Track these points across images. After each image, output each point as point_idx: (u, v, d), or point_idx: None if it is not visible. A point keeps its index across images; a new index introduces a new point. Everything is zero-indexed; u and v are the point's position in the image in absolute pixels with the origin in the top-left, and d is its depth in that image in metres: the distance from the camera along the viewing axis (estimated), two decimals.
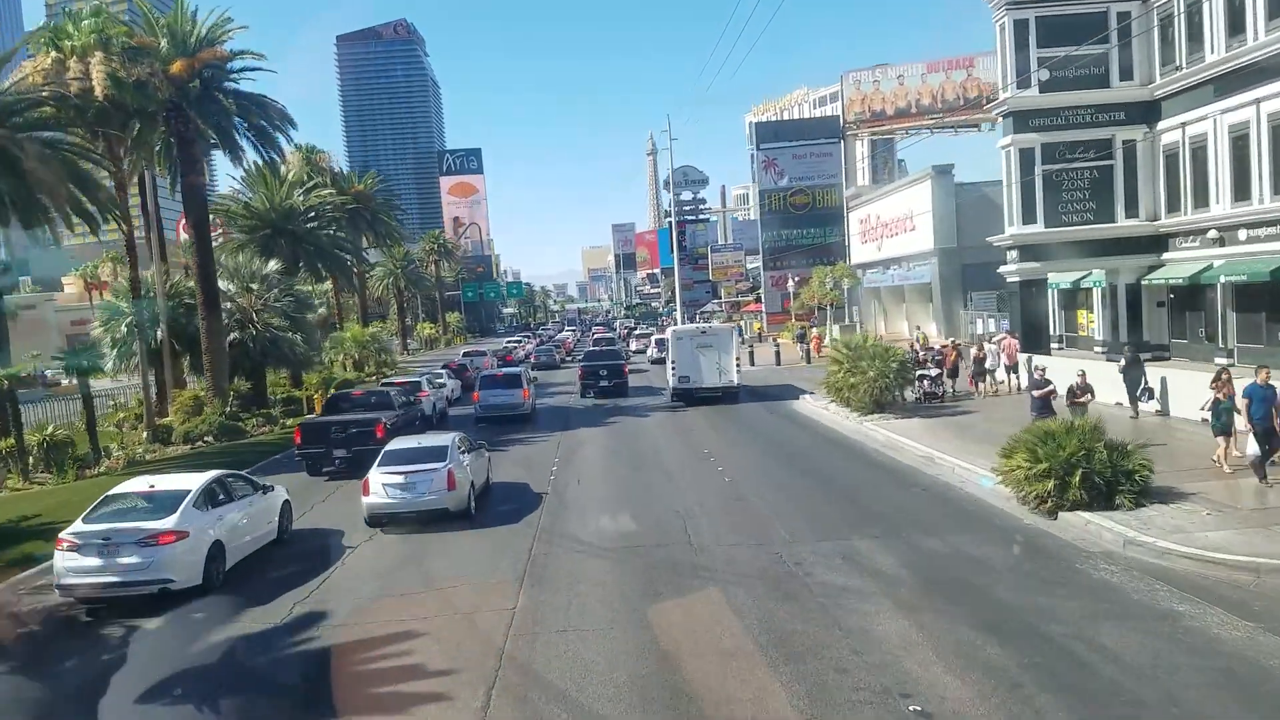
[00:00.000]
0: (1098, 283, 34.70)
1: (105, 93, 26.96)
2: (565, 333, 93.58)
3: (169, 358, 32.30)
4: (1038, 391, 18.82)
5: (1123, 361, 22.67)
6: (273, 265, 38.75)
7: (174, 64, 30.24)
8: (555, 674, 9.16)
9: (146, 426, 29.20)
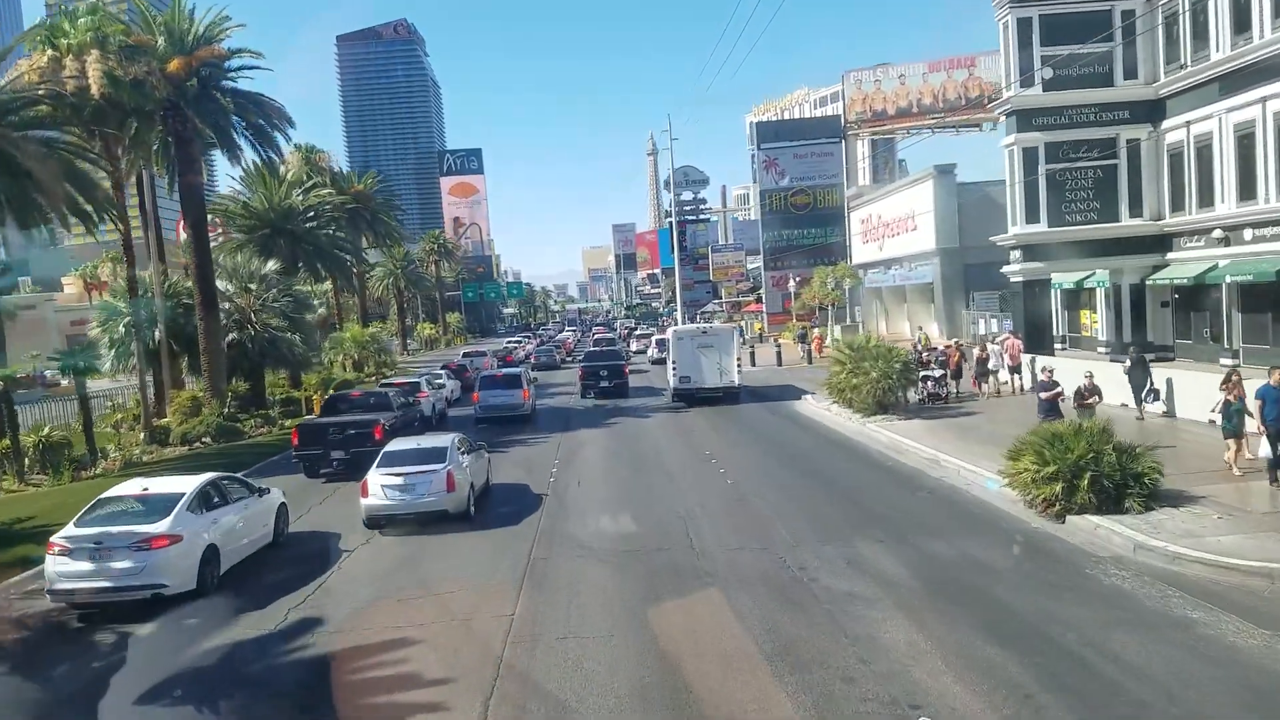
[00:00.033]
0: (1101, 283, 34.50)
1: (101, 91, 26.73)
2: (565, 333, 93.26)
3: (167, 358, 32.12)
4: (1045, 394, 18.56)
5: (1128, 362, 22.47)
6: (271, 265, 38.55)
7: (171, 62, 30.08)
8: (554, 683, 8.94)
9: (144, 427, 29.03)
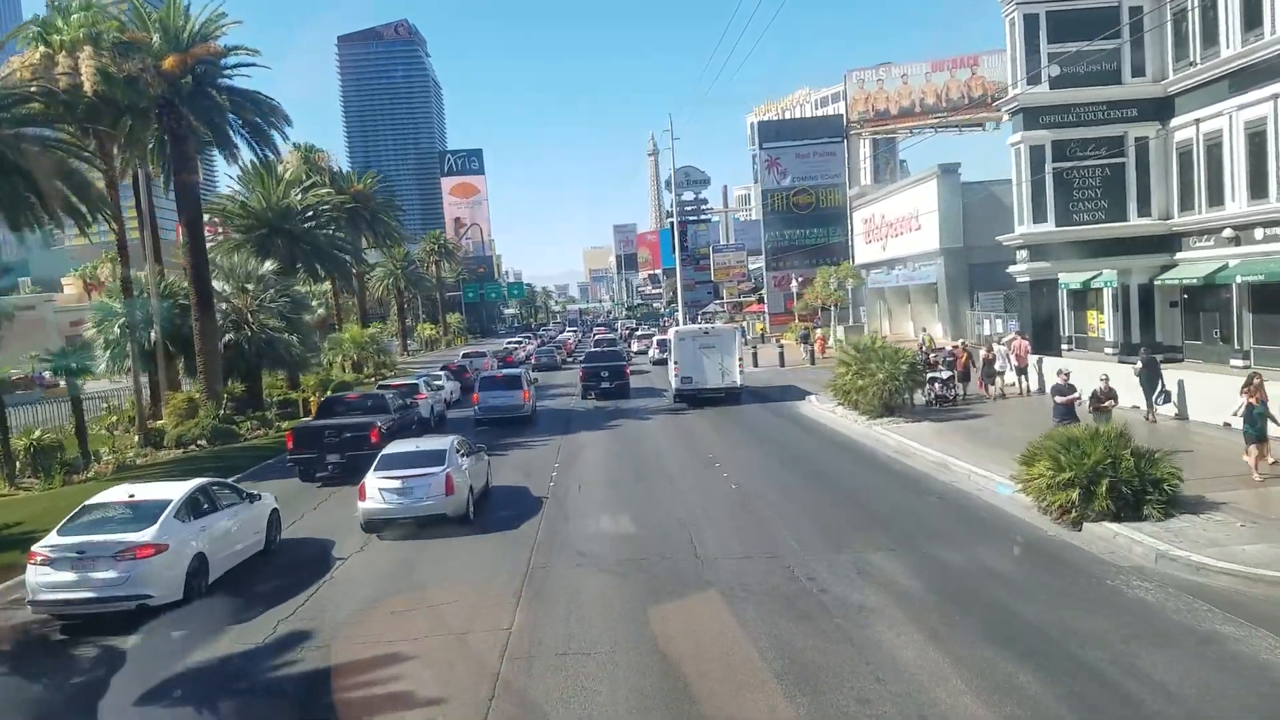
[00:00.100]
0: (1109, 283, 34.07)
1: (95, 88, 26.38)
2: (566, 333, 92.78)
3: (163, 359, 31.72)
4: (1061, 398, 18.09)
5: (1139, 364, 22.03)
6: (269, 265, 38.18)
7: (166, 59, 29.74)
8: (553, 703, 8.49)
9: (138, 430, 28.62)
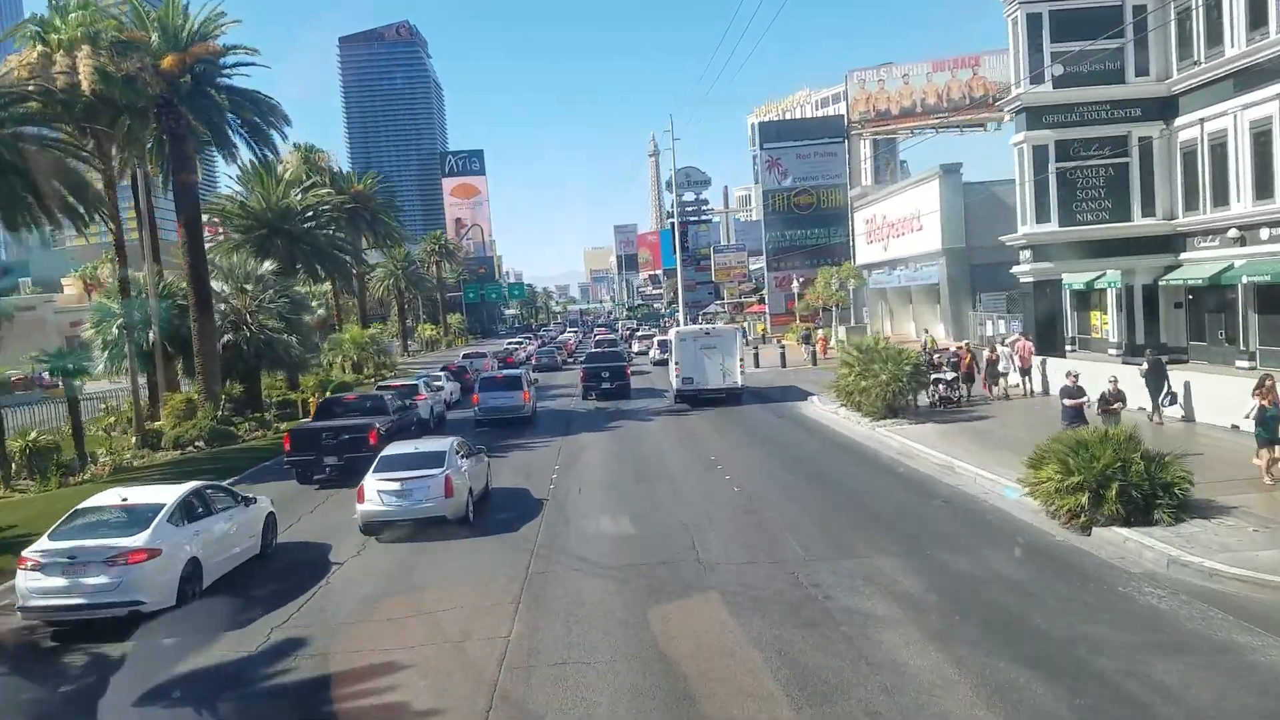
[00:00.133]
0: (1112, 283, 33.83)
1: (92, 87, 26.17)
2: (567, 334, 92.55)
3: (161, 360, 31.50)
4: (1070, 401, 17.82)
5: (1145, 365, 21.80)
6: (268, 265, 37.90)
7: (165, 59, 29.55)
8: (552, 714, 8.28)
9: (136, 431, 28.42)
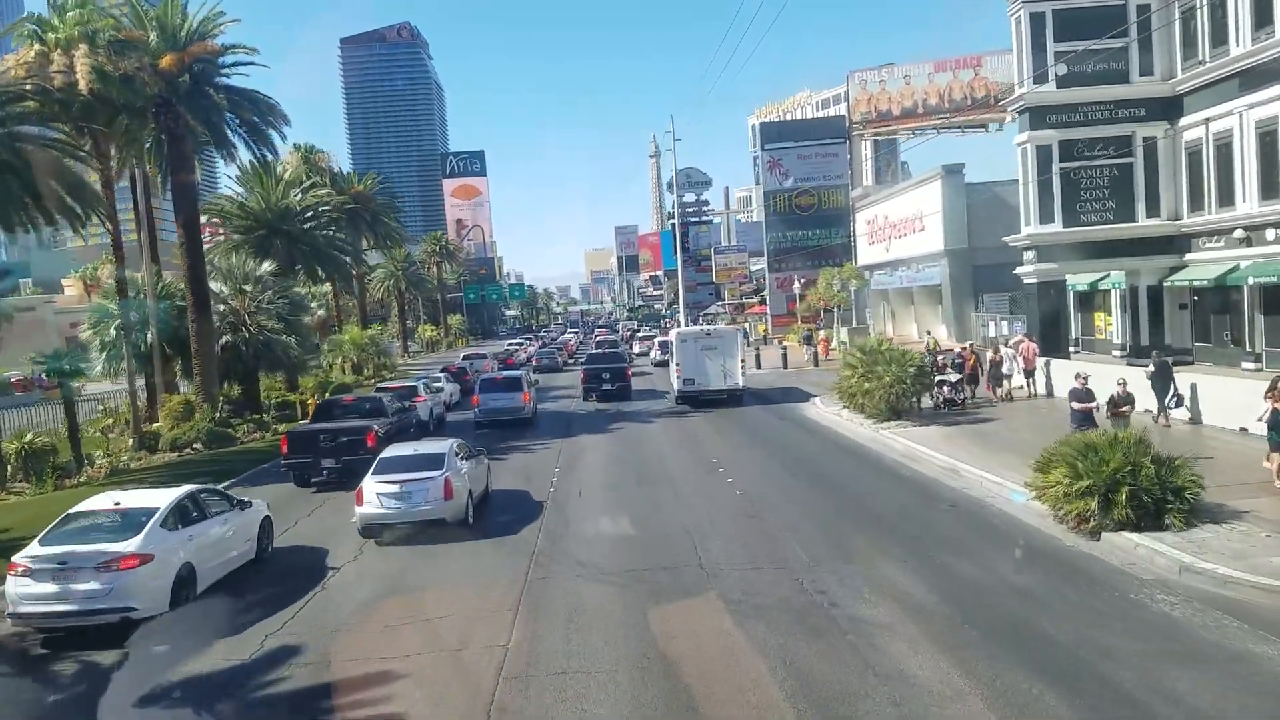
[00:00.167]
0: (1117, 284, 33.59)
1: (90, 86, 25.96)
2: (568, 335, 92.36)
3: (159, 361, 31.28)
4: (1079, 404, 17.52)
5: (1151, 367, 21.57)
6: (267, 266, 37.65)
7: (163, 58, 29.38)
8: None
9: (133, 433, 28.22)
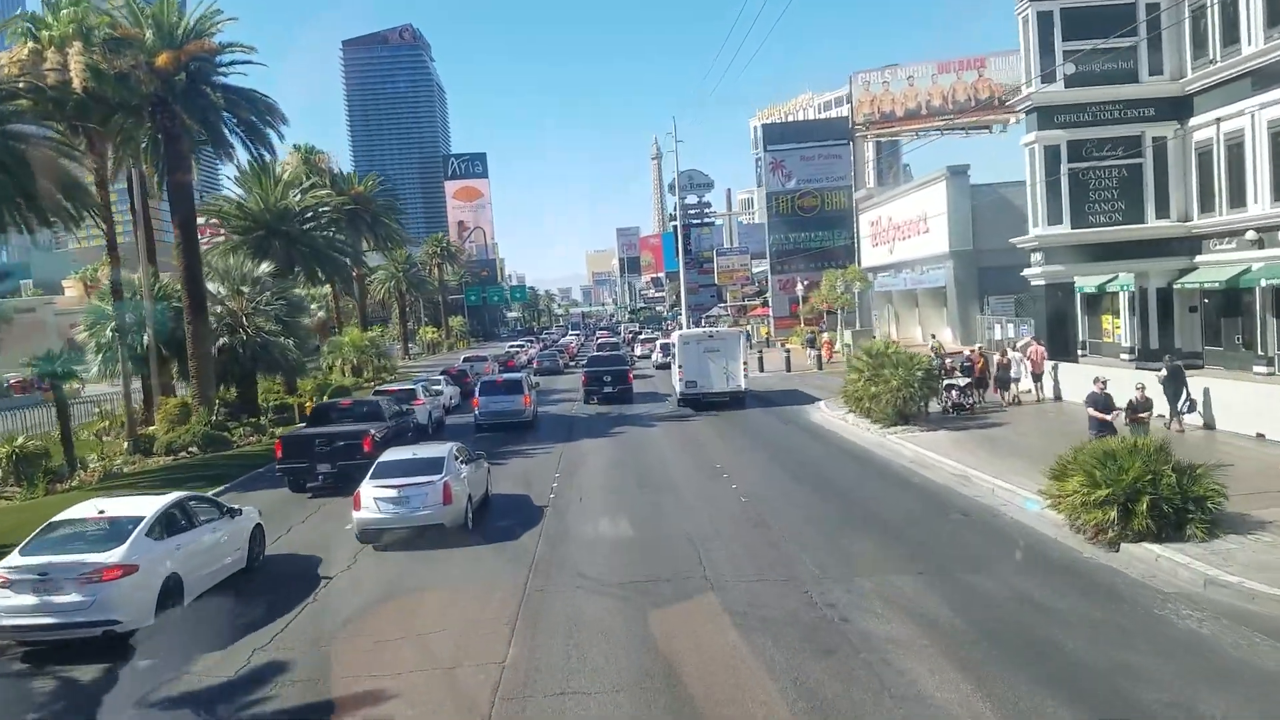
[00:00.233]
0: (1125, 286, 33.16)
1: (84, 84, 25.60)
2: (569, 337, 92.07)
3: (155, 363, 30.90)
4: (1098, 414, 16.87)
5: (1163, 371, 21.11)
6: (265, 267, 37.28)
7: (159, 56, 29.01)
8: None
9: (128, 436, 27.86)
